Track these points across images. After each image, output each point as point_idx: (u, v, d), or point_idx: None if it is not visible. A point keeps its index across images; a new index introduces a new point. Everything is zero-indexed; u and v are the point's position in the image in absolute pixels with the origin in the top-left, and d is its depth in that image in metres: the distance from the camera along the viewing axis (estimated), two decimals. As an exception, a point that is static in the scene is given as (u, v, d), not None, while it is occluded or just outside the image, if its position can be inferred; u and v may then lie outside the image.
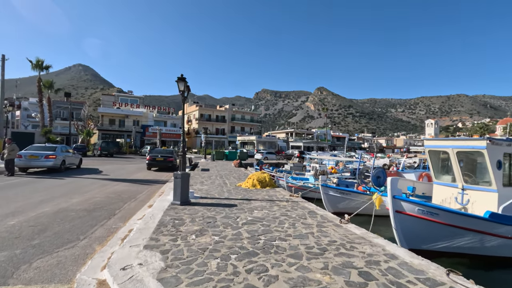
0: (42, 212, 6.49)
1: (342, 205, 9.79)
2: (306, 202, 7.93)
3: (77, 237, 4.91)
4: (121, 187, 10.76)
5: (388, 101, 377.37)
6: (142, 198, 8.86)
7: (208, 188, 10.20)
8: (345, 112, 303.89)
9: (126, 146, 43.46)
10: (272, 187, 10.47)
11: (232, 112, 70.43)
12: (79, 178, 13.12)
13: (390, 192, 5.79)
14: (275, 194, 9.20)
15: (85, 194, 9.07)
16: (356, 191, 9.61)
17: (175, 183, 7.03)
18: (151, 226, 5.20)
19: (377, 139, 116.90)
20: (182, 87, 7.62)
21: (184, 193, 7.05)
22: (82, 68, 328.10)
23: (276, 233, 4.91)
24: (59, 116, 57.36)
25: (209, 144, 62.24)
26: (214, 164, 24.04)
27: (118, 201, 8.12)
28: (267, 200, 8.02)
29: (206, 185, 10.91)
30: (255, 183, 10.32)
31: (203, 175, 15.11)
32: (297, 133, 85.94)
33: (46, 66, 38.32)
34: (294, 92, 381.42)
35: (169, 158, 18.62)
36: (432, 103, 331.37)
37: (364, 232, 5.07)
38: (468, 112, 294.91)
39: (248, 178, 10.79)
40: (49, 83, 37.82)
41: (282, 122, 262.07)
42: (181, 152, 8.29)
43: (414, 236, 5.80)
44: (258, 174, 10.97)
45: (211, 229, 5.04)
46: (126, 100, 66.37)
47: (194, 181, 12.05)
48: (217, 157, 31.49)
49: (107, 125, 57.44)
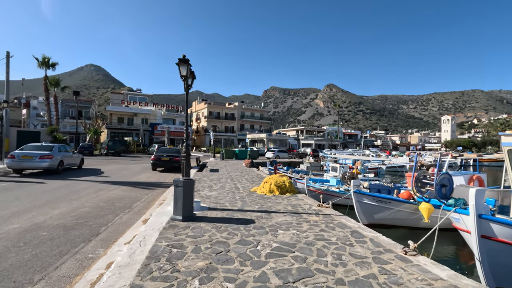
0: (4, 232, 5.05)
1: (380, 216, 8.09)
2: (342, 216, 6.27)
3: (30, 279, 3.41)
4: (117, 193, 9.33)
5: (399, 97, 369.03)
6: (139, 208, 7.37)
7: (217, 194, 8.65)
8: (355, 109, 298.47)
9: (133, 145, 42.47)
10: (293, 193, 8.84)
11: (241, 109, 68.88)
12: (75, 181, 11.79)
13: (475, 210, 4.09)
14: (298, 203, 7.56)
15: (73, 202, 7.66)
16: (397, 199, 7.87)
17: (176, 193, 5.49)
18: (138, 259, 3.66)
19: (390, 136, 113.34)
20: (184, 71, 6.05)
21: (187, 206, 5.51)
22: (94, 68, 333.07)
23: (320, 275, 3.29)
24: (68, 115, 57.08)
25: (218, 142, 60.98)
26: (223, 164, 22.56)
27: (108, 213, 6.65)
28: (291, 213, 6.40)
29: (215, 191, 9.37)
30: (272, 188, 8.71)
31: (211, 176, 13.59)
32: (307, 130, 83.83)
33: (53, 63, 37.58)
34: (303, 89, 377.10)
35: (175, 158, 17.21)
36: (445, 99, 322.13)
37: (451, 274, 3.39)
38: (483, 108, 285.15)
39: (264, 183, 9.18)
40: (55, 80, 37.05)
41: (291, 120, 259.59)
42: (184, 152, 6.75)
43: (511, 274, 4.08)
44: (275, 177, 9.35)
45: (221, 266, 3.46)
46: (135, 98, 65.61)
47: (202, 185, 10.53)
48: (227, 156, 30.02)
49: (116, 123, 56.88)
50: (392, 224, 8.15)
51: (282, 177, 9.26)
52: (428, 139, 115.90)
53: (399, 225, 8.20)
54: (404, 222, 8.02)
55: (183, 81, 6.12)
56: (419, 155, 38.62)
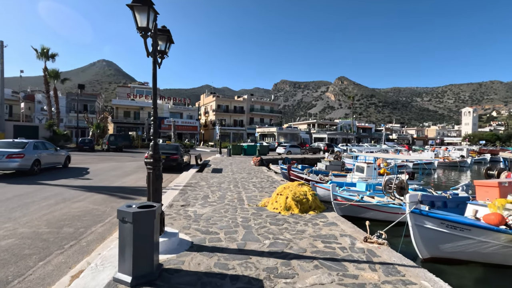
0: None
1: (449, 247, 5.45)
2: (417, 269, 3.66)
3: None
4: (82, 206, 6.99)
5: (413, 89, 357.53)
6: (91, 238, 4.95)
7: (211, 213, 6.17)
8: (367, 102, 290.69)
9: (138, 140, 40.55)
10: (318, 211, 6.28)
11: (251, 102, 66.20)
12: (44, 185, 9.56)
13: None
14: (332, 233, 4.98)
15: (7, 223, 5.35)
16: (482, 226, 5.20)
17: (122, 233, 3.02)
18: None
19: (406, 129, 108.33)
20: (144, 21, 3.53)
21: (142, 258, 3.03)
22: (106, 63, 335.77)
23: None
24: (74, 109, 55.83)
25: (227, 136, 58.69)
26: (229, 162, 20.12)
27: (34, 252, 4.26)
28: (326, 259, 3.84)
29: (210, 205, 6.89)
30: (289, 204, 6.16)
31: (212, 180, 11.13)
32: (319, 124, 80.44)
33: (52, 54, 35.82)
34: (313, 82, 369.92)
35: (172, 156, 14.88)
36: (461, 91, 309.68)
37: None
38: (502, 100, 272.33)
39: (278, 194, 6.63)
40: (54, 72, 35.26)
41: (301, 113, 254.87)
42: (154, 153, 4.27)
43: None
44: (293, 186, 6.79)
45: None
46: (142, 91, 63.77)
47: (195, 195, 8.08)
48: (234, 152, 27.56)
49: (122, 117, 55.37)
50: (469, 259, 5.53)
51: (302, 187, 6.69)
52: (447, 133, 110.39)
53: (477, 261, 5.56)
54: (488, 258, 5.38)
55: (142, 37, 3.58)
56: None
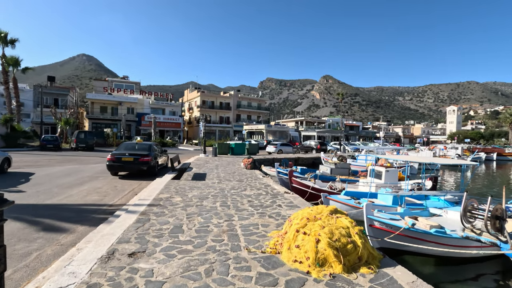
0: None
1: None
2: None
3: None
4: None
5: (395, 89, 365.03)
6: None
7: (179, 279, 3.34)
8: (351, 101, 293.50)
9: (113, 137, 36.75)
10: (374, 266, 3.58)
11: (238, 98, 63.13)
12: None
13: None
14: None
15: None
16: None
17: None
18: None
19: (393, 127, 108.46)
20: None
21: None
22: (86, 58, 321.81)
23: None
24: (44, 104, 50.83)
25: (212, 134, 55.41)
26: (215, 163, 17.17)
27: None
28: None
29: (181, 253, 4.03)
30: (324, 254, 3.41)
31: (190, 194, 8.17)
32: (308, 121, 78.41)
33: (12, 40, 31.36)
34: (299, 80, 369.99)
35: (142, 158, 11.81)
36: (441, 91, 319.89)
37: None
38: (478, 100, 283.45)
39: (299, 232, 3.86)
40: (14, 60, 30.92)
41: (287, 111, 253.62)
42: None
43: None
44: (323, 217, 4.01)
45: None
46: (121, 86, 59.23)
47: (160, 226, 5.17)
48: (220, 151, 24.61)
49: (98, 113, 50.90)
50: None
51: (339, 220, 3.94)
52: (431, 131, 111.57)
53: None
54: None
55: None
56: (444, 149, 33.82)
